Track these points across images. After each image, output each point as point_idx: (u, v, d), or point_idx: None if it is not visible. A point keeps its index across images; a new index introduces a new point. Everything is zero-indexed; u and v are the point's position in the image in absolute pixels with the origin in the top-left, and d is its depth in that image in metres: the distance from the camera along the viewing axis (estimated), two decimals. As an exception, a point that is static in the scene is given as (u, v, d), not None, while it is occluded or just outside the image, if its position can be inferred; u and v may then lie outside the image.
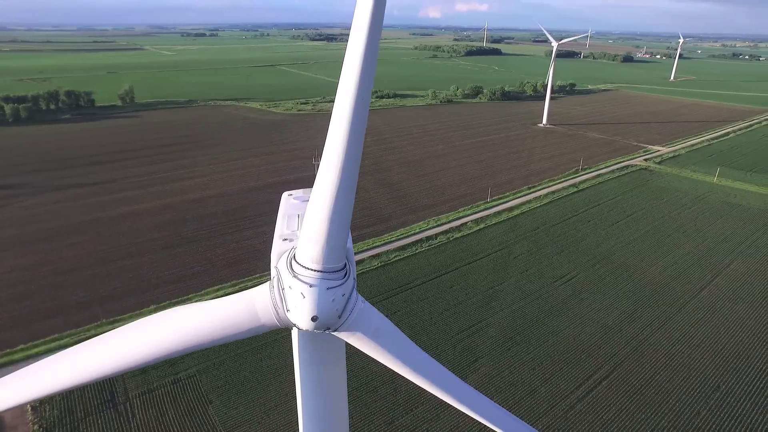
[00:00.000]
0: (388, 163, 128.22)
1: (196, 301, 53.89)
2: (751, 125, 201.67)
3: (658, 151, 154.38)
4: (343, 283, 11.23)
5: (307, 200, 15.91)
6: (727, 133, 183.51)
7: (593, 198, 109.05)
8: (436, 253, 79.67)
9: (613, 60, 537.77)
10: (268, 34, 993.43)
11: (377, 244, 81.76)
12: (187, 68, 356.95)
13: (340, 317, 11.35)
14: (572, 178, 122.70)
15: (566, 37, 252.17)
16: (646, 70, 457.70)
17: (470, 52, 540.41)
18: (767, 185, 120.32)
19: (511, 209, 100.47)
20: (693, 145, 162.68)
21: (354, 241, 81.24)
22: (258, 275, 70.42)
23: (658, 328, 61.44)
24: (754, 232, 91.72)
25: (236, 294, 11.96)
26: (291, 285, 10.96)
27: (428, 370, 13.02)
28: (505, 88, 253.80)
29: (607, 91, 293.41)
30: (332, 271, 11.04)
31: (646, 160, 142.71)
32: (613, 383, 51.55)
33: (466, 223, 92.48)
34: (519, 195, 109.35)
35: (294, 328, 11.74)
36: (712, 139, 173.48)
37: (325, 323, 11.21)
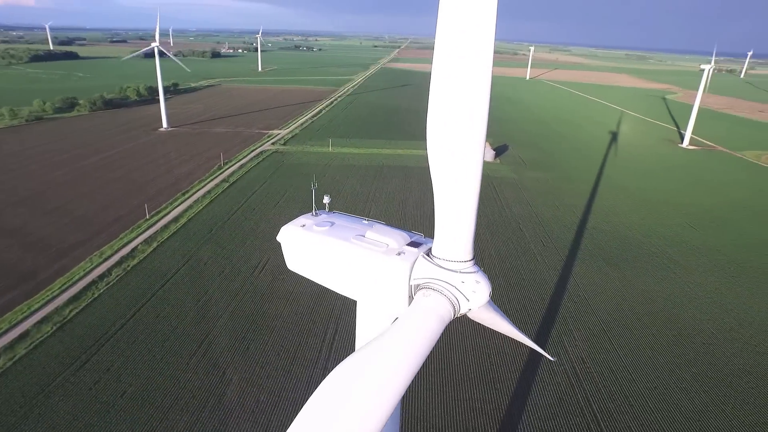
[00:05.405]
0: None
1: None
2: (332, 102, 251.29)
3: (279, 134, 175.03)
4: None
5: (332, 224, 14.93)
6: (320, 111, 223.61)
7: (247, 187, 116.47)
8: (120, 288, 70.23)
9: (203, 56, 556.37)
10: None
11: (36, 306, 64.92)
12: None
13: None
14: (220, 174, 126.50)
15: (145, 36, 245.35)
16: (235, 63, 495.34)
17: (37, 57, 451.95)
18: (361, 147, 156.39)
19: (176, 219, 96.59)
20: (302, 124, 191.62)
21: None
22: None
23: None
24: (364, 184, 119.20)
25: (408, 317, 11.59)
26: (463, 280, 11.94)
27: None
28: (105, 96, 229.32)
29: (211, 87, 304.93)
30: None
31: (273, 144, 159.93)
32: (347, 329, 60.72)
33: (137, 246, 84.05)
34: (177, 203, 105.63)
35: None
36: (312, 117, 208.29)
37: None
